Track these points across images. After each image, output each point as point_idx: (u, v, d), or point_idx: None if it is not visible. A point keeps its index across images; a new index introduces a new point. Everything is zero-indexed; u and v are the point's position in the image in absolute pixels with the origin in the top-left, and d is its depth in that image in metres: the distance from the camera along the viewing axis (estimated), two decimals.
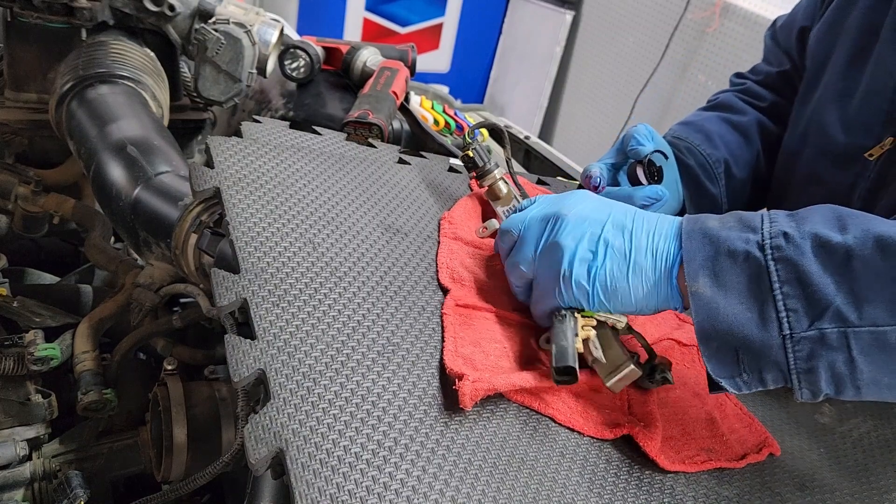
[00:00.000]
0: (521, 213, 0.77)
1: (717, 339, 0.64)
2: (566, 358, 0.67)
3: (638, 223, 0.69)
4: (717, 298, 0.63)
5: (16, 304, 1.03)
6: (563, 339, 0.69)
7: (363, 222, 0.83)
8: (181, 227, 0.86)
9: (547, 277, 0.71)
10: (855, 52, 0.97)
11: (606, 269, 0.68)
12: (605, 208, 0.72)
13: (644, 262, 0.68)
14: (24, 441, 0.88)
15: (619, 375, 0.69)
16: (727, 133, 1.13)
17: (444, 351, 0.69)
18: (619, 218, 0.70)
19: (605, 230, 0.69)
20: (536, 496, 0.60)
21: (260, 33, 1.23)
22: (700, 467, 0.71)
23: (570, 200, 0.74)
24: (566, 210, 0.72)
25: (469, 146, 0.89)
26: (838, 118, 0.98)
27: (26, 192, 1.20)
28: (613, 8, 3.63)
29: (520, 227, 0.75)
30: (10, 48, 1.21)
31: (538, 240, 0.73)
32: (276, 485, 0.71)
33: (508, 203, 0.90)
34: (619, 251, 0.68)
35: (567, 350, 0.67)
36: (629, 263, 0.68)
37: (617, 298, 0.69)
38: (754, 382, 0.64)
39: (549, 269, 0.71)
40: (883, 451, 0.84)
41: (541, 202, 0.77)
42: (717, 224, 0.67)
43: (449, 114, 1.52)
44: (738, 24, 2.95)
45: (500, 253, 0.80)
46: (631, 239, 0.68)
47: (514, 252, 0.76)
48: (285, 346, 0.62)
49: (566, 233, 0.70)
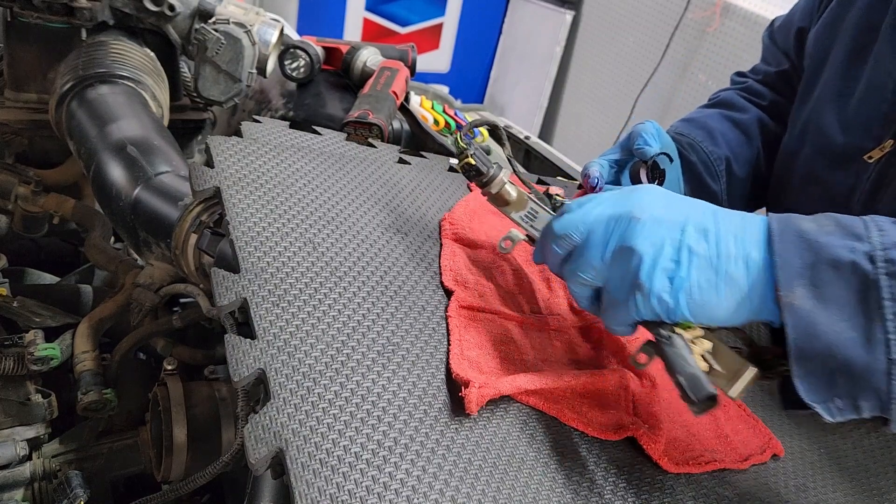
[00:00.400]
0: (578, 213, 0.67)
1: (814, 360, 0.58)
2: (704, 387, 0.59)
3: (722, 225, 0.61)
4: (817, 313, 0.57)
5: (16, 304, 1.03)
6: (684, 365, 0.61)
7: (363, 222, 0.83)
8: (181, 227, 0.86)
9: (620, 288, 0.63)
10: (853, 52, 0.97)
11: (692, 281, 0.60)
12: (681, 208, 0.63)
13: (735, 270, 0.60)
14: (24, 441, 0.88)
15: (743, 382, 0.62)
16: (728, 130, 1.13)
17: (450, 354, 0.69)
18: (698, 219, 0.62)
19: (685, 234, 0.61)
20: (536, 496, 0.60)
21: (260, 33, 1.23)
22: (703, 469, 0.71)
23: (638, 198, 0.64)
24: (637, 210, 0.63)
25: (467, 152, 0.79)
26: (837, 119, 0.98)
27: (26, 192, 1.20)
28: (613, 8, 3.63)
29: (581, 229, 0.65)
30: (10, 48, 1.21)
31: (605, 244, 0.63)
32: (276, 485, 0.71)
33: (523, 207, 0.80)
34: (705, 259, 0.60)
35: (698, 377, 0.60)
36: (718, 273, 0.60)
37: (703, 311, 0.61)
38: (847, 410, 0.58)
39: (623, 278, 0.62)
40: (883, 451, 0.84)
41: (602, 200, 0.67)
42: (813, 227, 0.60)
43: (449, 114, 1.52)
44: (738, 24, 2.95)
45: (549, 260, 0.70)
46: (717, 244, 0.60)
47: (574, 259, 0.66)
48: (285, 345, 0.62)
49: (642, 237, 0.61)
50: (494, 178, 0.79)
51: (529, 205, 0.79)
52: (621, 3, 3.57)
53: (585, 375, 0.72)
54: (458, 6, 4.12)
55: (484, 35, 4.31)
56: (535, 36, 4.07)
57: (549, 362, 0.75)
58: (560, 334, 0.79)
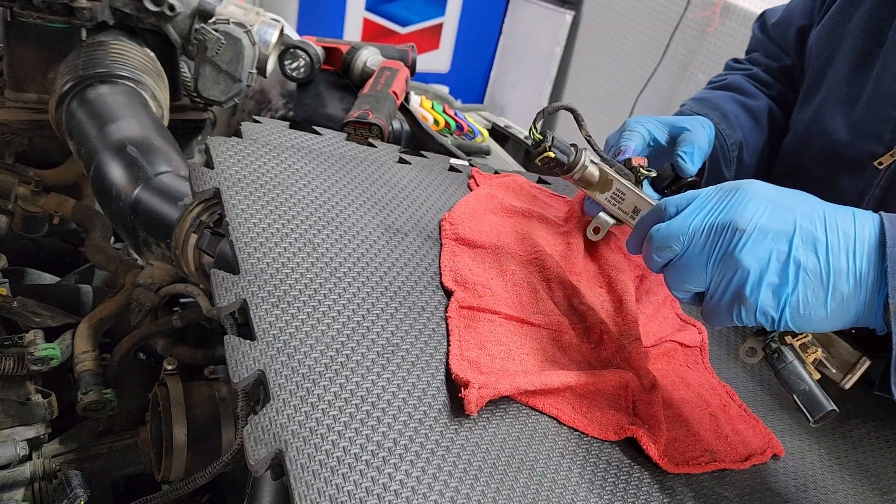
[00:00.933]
0: (678, 222, 0.64)
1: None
2: (822, 405, 0.60)
3: (832, 234, 0.59)
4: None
5: (16, 304, 1.03)
6: (799, 381, 0.61)
7: (363, 222, 0.83)
8: (181, 228, 0.86)
9: (723, 300, 0.62)
10: (859, 57, 0.96)
11: (800, 297, 0.58)
12: (788, 213, 0.60)
13: (845, 287, 0.58)
14: (24, 441, 0.88)
15: (857, 374, 0.63)
16: (741, 115, 1.09)
17: (450, 355, 0.69)
18: (807, 227, 0.59)
19: (793, 247, 0.58)
20: (536, 496, 0.60)
21: (260, 33, 1.23)
22: (703, 469, 0.71)
23: (741, 203, 0.61)
24: (741, 220, 0.60)
25: (545, 144, 0.72)
26: (844, 124, 0.97)
27: (26, 192, 1.20)
28: (613, 8, 3.63)
29: (682, 240, 0.63)
30: (10, 48, 1.21)
31: (708, 257, 0.62)
32: (275, 485, 0.71)
33: (608, 188, 0.75)
34: (815, 274, 0.58)
35: (815, 394, 0.61)
36: (827, 290, 0.58)
37: (807, 323, 0.60)
38: None
39: (726, 290, 0.61)
40: (883, 451, 0.84)
41: (702, 204, 0.64)
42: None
43: (449, 114, 1.52)
44: (738, 24, 2.94)
45: (648, 264, 0.68)
46: (828, 258, 0.58)
47: (675, 267, 0.65)
48: (285, 346, 0.62)
49: (746, 251, 0.59)
50: (576, 163, 0.75)
51: (615, 185, 0.75)
52: (621, 3, 3.57)
53: (585, 376, 0.72)
54: (458, 6, 4.11)
55: (484, 35, 4.31)
56: (535, 36, 4.07)
57: (548, 363, 0.75)
58: (560, 335, 0.79)
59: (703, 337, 0.90)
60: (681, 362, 0.85)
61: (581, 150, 0.75)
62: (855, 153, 0.95)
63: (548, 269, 0.87)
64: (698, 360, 0.86)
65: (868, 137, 0.94)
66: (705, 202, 0.64)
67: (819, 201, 0.62)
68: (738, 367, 0.90)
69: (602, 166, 0.76)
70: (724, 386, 0.83)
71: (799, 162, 1.07)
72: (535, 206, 1.02)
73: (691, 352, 0.87)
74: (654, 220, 0.68)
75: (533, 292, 0.82)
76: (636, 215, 0.76)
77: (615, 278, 0.91)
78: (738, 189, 0.63)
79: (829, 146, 0.99)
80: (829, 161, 1.00)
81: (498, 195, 0.99)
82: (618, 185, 0.75)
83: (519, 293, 0.82)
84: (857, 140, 0.95)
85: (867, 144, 0.94)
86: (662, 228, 0.64)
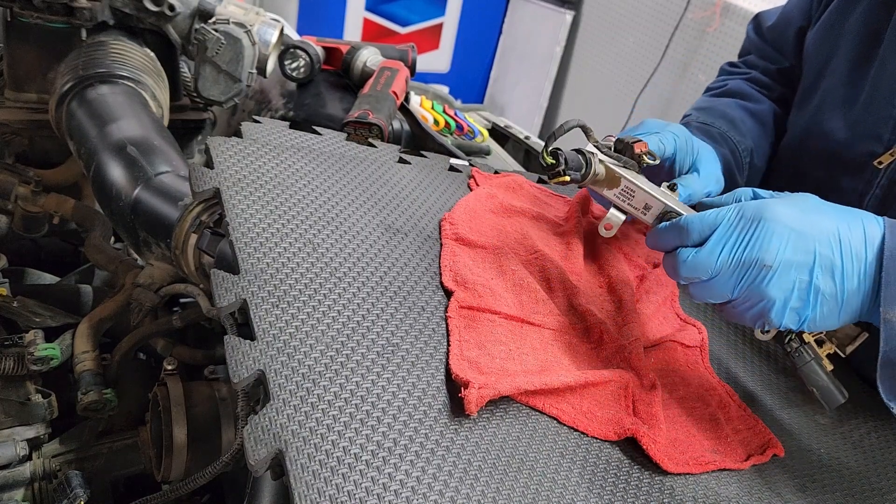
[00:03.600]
0: (703, 256, 0.67)
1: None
2: (837, 398, 0.70)
3: (847, 259, 0.65)
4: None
5: (16, 304, 1.03)
6: (818, 378, 0.70)
7: (363, 222, 0.83)
8: (181, 228, 0.86)
9: (746, 315, 0.69)
10: (857, 58, 0.96)
11: (817, 315, 0.67)
12: (809, 242, 0.65)
13: (854, 301, 0.66)
14: (24, 441, 0.88)
15: (856, 344, 0.72)
16: (748, 121, 1.10)
17: (450, 355, 0.69)
18: (826, 254, 0.65)
19: (814, 276, 0.65)
20: (536, 497, 0.60)
21: (260, 33, 1.23)
22: (703, 469, 0.71)
23: (766, 237, 0.66)
24: (767, 256, 0.65)
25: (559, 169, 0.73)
26: (843, 124, 0.97)
27: (26, 192, 1.20)
28: (613, 8, 3.63)
29: (708, 272, 0.67)
30: (10, 48, 1.21)
31: (735, 284, 0.67)
32: (275, 485, 0.71)
33: (616, 184, 0.76)
34: (831, 296, 0.66)
35: (831, 389, 0.70)
36: (840, 307, 0.66)
37: (819, 328, 0.69)
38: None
39: (751, 310, 0.68)
40: (883, 452, 0.84)
41: (725, 235, 0.67)
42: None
43: (449, 114, 1.52)
44: (738, 24, 2.94)
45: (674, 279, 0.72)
46: (843, 281, 0.65)
47: (700, 288, 0.70)
48: (285, 346, 0.62)
49: (773, 285, 0.65)
50: (588, 174, 0.76)
51: (623, 183, 0.76)
52: (621, 3, 3.57)
53: (585, 376, 0.72)
54: (458, 6, 4.12)
55: (484, 35, 4.31)
56: (535, 36, 4.07)
57: (548, 363, 0.75)
58: (560, 335, 0.79)
59: (703, 337, 0.90)
60: (681, 362, 0.85)
61: (589, 155, 0.76)
62: (854, 153, 0.95)
63: (548, 269, 0.87)
64: (698, 360, 0.87)
65: (867, 137, 0.94)
66: (729, 231, 0.67)
67: (834, 215, 0.68)
68: (738, 367, 0.90)
69: (609, 165, 0.77)
70: (723, 386, 0.84)
71: (798, 163, 1.06)
72: (535, 206, 1.02)
73: (691, 352, 0.87)
74: (675, 237, 0.71)
75: (533, 292, 0.82)
76: (647, 211, 0.77)
77: (615, 278, 0.91)
78: (760, 221, 0.67)
79: (829, 147, 0.99)
80: (828, 161, 1.00)
81: (498, 195, 0.99)
82: (627, 182, 0.76)
83: (519, 293, 0.82)
84: (857, 140, 0.95)
85: (867, 144, 0.94)
86: (690, 261, 0.68)
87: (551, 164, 0.74)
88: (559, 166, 0.74)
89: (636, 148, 0.79)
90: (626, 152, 0.79)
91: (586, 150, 0.76)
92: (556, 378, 0.69)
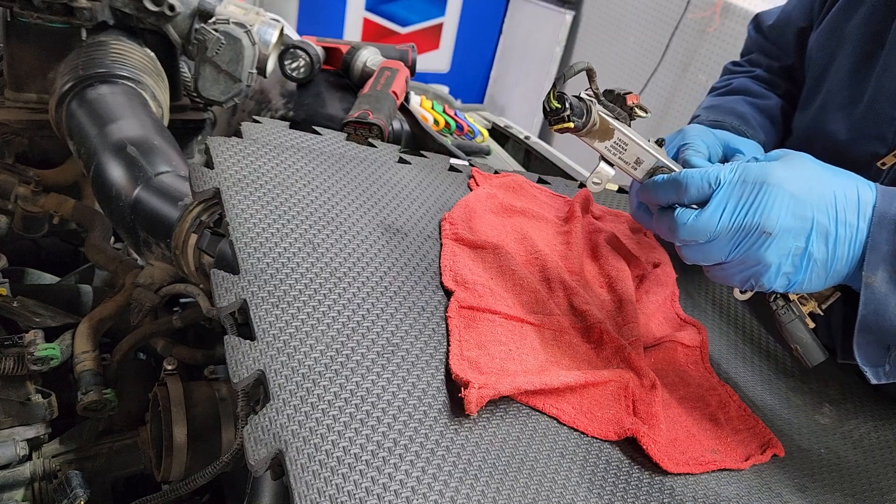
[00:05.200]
0: (703, 220, 0.67)
1: (876, 333, 0.66)
2: (818, 355, 0.72)
3: (841, 227, 0.66)
4: (890, 298, 0.65)
5: (16, 304, 1.03)
6: (801, 336, 0.72)
7: (363, 222, 0.83)
8: (181, 228, 0.86)
9: (736, 277, 0.70)
10: (859, 59, 0.96)
11: (806, 279, 0.68)
12: (807, 209, 0.66)
13: (841, 268, 0.67)
14: (24, 441, 0.88)
15: (829, 302, 0.74)
16: (757, 116, 1.10)
17: (450, 355, 0.69)
18: (822, 221, 0.66)
19: (810, 243, 0.66)
20: (536, 497, 0.60)
21: (260, 33, 1.23)
22: (703, 469, 0.71)
23: (768, 202, 0.65)
24: (768, 223, 0.65)
25: (563, 115, 0.68)
26: (846, 126, 0.97)
27: (26, 192, 1.20)
28: (613, 8, 3.63)
29: (706, 235, 0.68)
30: (10, 48, 1.21)
31: (732, 248, 0.67)
32: (275, 485, 0.71)
33: (609, 136, 0.72)
34: (822, 263, 0.67)
35: (813, 346, 0.72)
36: (829, 272, 0.67)
37: (804, 291, 0.70)
38: (893, 374, 0.68)
39: (743, 272, 0.69)
40: (883, 452, 0.84)
41: (725, 198, 0.67)
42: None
43: (449, 114, 1.52)
44: (738, 24, 2.94)
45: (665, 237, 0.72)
46: (835, 248, 0.66)
47: (696, 250, 0.70)
48: (285, 346, 0.62)
49: (770, 251, 0.66)
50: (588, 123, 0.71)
51: (617, 135, 0.72)
52: (621, 3, 3.57)
53: (585, 376, 0.72)
54: (458, 6, 4.12)
55: (484, 35, 4.31)
56: (535, 36, 4.07)
57: (548, 363, 0.75)
58: (560, 335, 0.79)
59: (703, 337, 0.90)
60: (681, 362, 0.85)
61: (588, 102, 0.71)
62: (858, 154, 0.95)
63: (548, 269, 0.87)
64: (698, 360, 0.87)
65: (870, 138, 0.94)
66: (729, 195, 0.67)
67: (831, 180, 0.68)
68: (738, 367, 0.90)
69: (604, 115, 0.72)
70: (723, 386, 0.84)
71: None
72: (535, 206, 1.02)
73: (691, 352, 0.87)
74: (672, 192, 0.70)
75: (533, 292, 0.82)
76: (637, 166, 0.75)
77: (615, 278, 0.91)
78: (763, 185, 0.66)
79: (832, 148, 0.99)
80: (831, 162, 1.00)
81: (498, 195, 0.99)
82: (620, 134, 0.72)
83: (519, 293, 0.82)
84: (860, 141, 0.95)
85: (870, 145, 0.94)
86: (690, 224, 0.68)
87: (556, 109, 0.69)
88: (564, 111, 0.69)
89: (628, 100, 0.74)
90: (618, 103, 0.74)
91: (585, 97, 0.72)
92: (556, 378, 0.69)
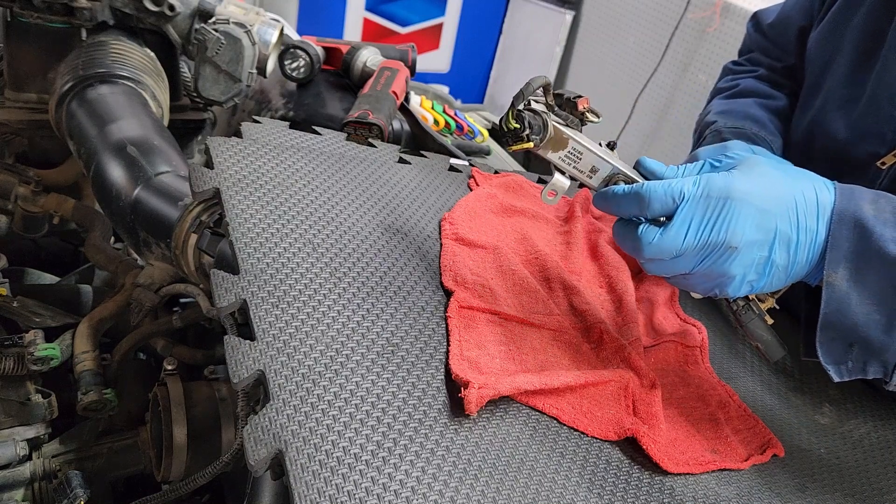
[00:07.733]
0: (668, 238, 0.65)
1: (838, 331, 0.66)
2: (779, 350, 0.74)
3: (802, 233, 0.66)
4: (851, 295, 0.65)
5: (16, 304, 1.03)
6: (762, 333, 0.73)
7: (363, 222, 0.83)
8: (181, 228, 0.86)
9: (700, 286, 0.70)
10: (859, 59, 0.96)
11: (767, 284, 0.68)
12: (770, 220, 0.65)
13: (802, 270, 0.68)
14: (24, 441, 0.88)
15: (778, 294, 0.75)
16: (773, 119, 1.10)
17: (450, 355, 0.69)
18: (784, 230, 0.66)
19: (773, 251, 0.66)
20: (536, 497, 0.60)
21: (260, 33, 1.23)
22: (703, 469, 0.71)
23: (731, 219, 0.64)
24: (733, 238, 0.64)
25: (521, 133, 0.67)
26: (845, 125, 0.97)
27: (26, 192, 1.20)
28: (613, 8, 3.63)
29: (671, 253, 0.66)
30: (10, 48, 1.21)
31: (697, 263, 0.67)
32: (275, 485, 0.71)
33: (563, 146, 0.70)
34: (783, 268, 0.67)
35: (773, 343, 0.74)
36: (789, 275, 0.68)
37: (765, 292, 0.71)
38: (856, 371, 0.68)
39: (708, 282, 0.68)
40: (883, 452, 0.84)
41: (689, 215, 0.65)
42: (871, 212, 0.66)
43: (449, 114, 1.52)
44: (738, 24, 2.94)
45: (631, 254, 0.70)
46: (796, 253, 0.66)
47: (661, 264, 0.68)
48: (285, 346, 0.62)
49: (736, 264, 0.66)
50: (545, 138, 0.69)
51: (571, 144, 0.70)
52: (621, 3, 3.57)
53: (585, 376, 0.72)
54: (458, 6, 4.11)
55: (484, 35, 4.31)
56: (535, 36, 4.07)
57: (548, 363, 0.75)
58: (560, 335, 0.79)
59: (702, 337, 0.90)
60: (681, 362, 0.85)
61: (543, 115, 0.68)
62: (858, 154, 0.95)
63: (548, 269, 0.87)
64: (698, 360, 0.87)
65: (870, 138, 0.94)
66: (694, 211, 0.65)
67: (790, 184, 0.67)
68: (738, 367, 0.90)
69: (558, 125, 0.69)
70: (723, 386, 0.84)
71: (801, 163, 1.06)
72: (535, 206, 1.02)
73: (691, 352, 0.87)
74: (634, 205, 0.67)
75: (533, 292, 0.82)
76: (593, 174, 0.72)
77: (615, 278, 0.91)
78: (727, 201, 0.64)
79: (832, 147, 0.99)
80: (831, 162, 1.00)
81: (498, 195, 0.99)
82: (574, 144, 0.69)
83: (519, 293, 0.82)
84: (860, 141, 0.95)
85: (870, 145, 0.94)
86: (655, 243, 0.66)
87: (515, 129, 0.67)
88: (524, 131, 0.67)
89: (579, 104, 0.72)
90: (569, 109, 0.71)
91: (539, 111, 0.69)
92: (555, 378, 0.69)
